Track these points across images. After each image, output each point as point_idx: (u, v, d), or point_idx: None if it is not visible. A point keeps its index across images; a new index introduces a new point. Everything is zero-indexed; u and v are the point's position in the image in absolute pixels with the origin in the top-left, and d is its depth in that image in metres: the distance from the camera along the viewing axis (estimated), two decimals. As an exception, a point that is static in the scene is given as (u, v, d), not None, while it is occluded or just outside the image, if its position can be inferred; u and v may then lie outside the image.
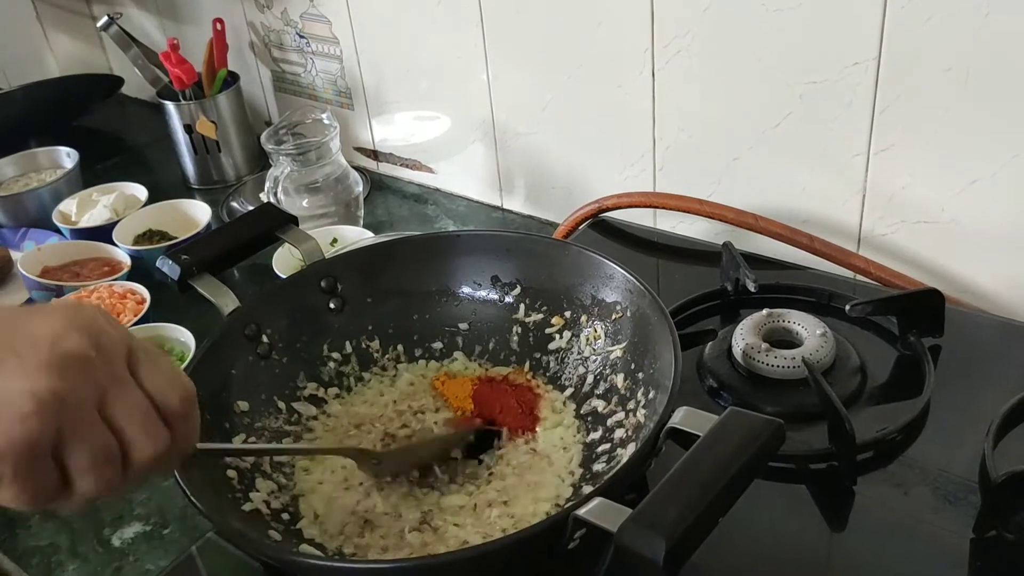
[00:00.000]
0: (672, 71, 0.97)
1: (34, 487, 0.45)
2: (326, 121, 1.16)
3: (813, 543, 0.67)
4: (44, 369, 0.44)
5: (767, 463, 0.49)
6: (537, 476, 0.68)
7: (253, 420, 0.72)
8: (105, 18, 1.37)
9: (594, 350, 0.75)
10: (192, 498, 0.57)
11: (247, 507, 0.63)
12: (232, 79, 1.39)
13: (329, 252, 1.02)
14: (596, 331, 0.75)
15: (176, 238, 1.18)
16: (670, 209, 1.01)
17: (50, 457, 0.44)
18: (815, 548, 0.67)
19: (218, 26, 1.35)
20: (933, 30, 0.80)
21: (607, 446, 0.69)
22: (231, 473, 0.65)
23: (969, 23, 0.77)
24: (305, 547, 0.61)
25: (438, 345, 0.82)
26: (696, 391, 0.79)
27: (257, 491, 0.65)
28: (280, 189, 1.14)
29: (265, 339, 0.76)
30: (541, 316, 0.79)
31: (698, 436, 0.50)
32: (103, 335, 0.47)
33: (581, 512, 0.48)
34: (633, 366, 0.70)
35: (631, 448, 0.65)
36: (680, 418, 0.53)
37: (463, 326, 0.81)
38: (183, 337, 0.97)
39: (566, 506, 0.50)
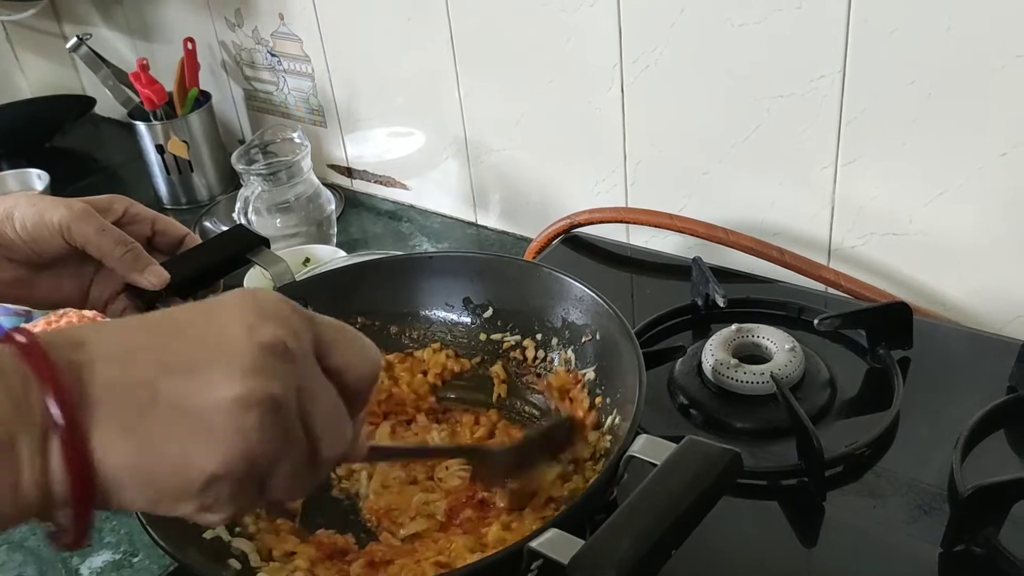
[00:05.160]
0: (641, 86, 0.97)
1: (241, 507, 0.39)
2: (296, 140, 1.15)
3: (785, 559, 0.67)
4: (251, 370, 0.38)
5: (723, 493, 0.49)
6: None
7: None
8: (74, 39, 1.35)
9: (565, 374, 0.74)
10: (147, 526, 0.56)
11: (208, 534, 0.62)
12: (204, 98, 1.38)
13: (302, 272, 1.01)
14: (567, 354, 0.74)
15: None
16: (641, 224, 1.01)
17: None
18: (787, 564, 0.67)
19: (189, 45, 1.35)
20: (896, 43, 0.80)
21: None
22: None
23: (932, 36, 0.78)
24: None
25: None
26: (667, 408, 0.79)
27: None
28: (251, 209, 1.14)
29: None
30: (513, 338, 0.79)
31: (656, 465, 0.50)
32: (292, 320, 0.41)
33: (535, 543, 0.48)
34: (601, 390, 0.70)
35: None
36: (639, 446, 0.53)
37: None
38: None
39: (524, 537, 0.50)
